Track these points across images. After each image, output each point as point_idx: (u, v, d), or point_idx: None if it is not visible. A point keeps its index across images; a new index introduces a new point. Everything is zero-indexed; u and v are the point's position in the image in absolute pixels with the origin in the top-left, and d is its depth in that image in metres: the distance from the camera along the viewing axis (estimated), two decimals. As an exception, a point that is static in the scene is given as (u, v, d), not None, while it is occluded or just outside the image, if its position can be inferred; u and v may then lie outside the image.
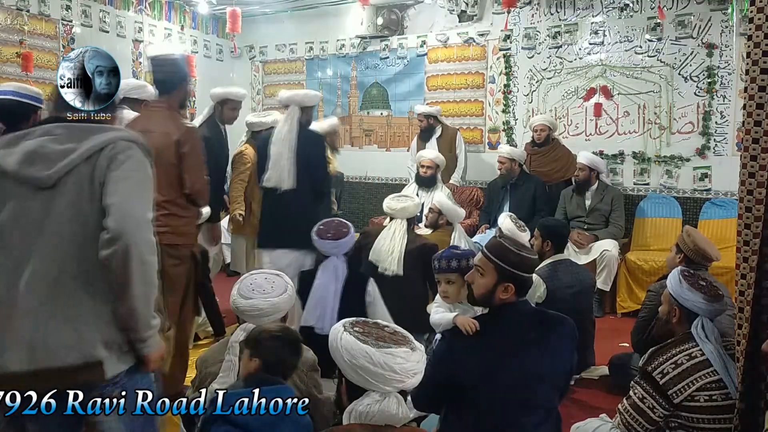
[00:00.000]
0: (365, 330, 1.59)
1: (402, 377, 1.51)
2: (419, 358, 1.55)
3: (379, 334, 1.60)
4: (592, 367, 3.54)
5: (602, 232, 4.95)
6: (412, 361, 1.53)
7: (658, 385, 2.18)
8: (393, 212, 3.68)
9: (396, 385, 1.52)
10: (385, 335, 1.59)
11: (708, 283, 2.43)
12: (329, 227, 3.14)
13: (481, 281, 2.09)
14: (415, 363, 1.54)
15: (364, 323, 1.65)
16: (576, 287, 3.37)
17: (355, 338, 1.55)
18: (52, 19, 5.37)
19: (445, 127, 5.80)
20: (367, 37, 6.68)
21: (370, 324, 1.65)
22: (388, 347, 1.52)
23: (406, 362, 1.52)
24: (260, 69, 7.47)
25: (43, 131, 1.67)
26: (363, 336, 1.56)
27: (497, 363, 2.00)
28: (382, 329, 1.63)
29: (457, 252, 2.68)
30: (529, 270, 2.07)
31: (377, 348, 1.51)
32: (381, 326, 1.65)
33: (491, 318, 2.15)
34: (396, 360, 1.50)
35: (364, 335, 1.57)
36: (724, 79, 5.11)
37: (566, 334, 2.10)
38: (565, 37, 5.73)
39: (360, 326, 1.61)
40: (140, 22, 6.25)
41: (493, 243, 2.11)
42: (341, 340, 1.55)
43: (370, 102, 6.91)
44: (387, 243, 3.57)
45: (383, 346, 1.52)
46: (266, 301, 2.27)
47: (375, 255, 3.55)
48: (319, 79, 7.15)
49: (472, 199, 5.68)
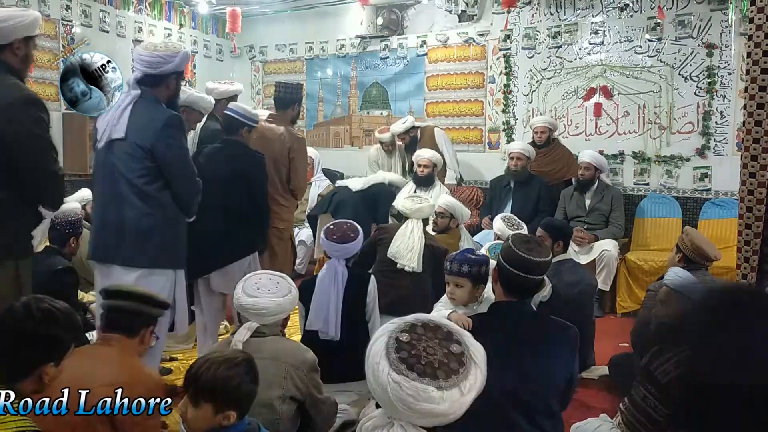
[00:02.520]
0: (412, 352, 1.23)
1: (425, 420, 1.21)
2: (466, 390, 1.23)
3: (428, 354, 1.23)
4: (592, 367, 3.54)
5: (602, 232, 4.95)
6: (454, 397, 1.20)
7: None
8: (409, 212, 3.64)
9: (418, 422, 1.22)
10: (435, 354, 1.24)
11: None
12: (338, 228, 3.07)
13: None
14: (459, 398, 1.21)
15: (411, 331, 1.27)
16: (578, 287, 3.38)
17: (391, 368, 1.20)
18: (52, 19, 5.36)
19: (422, 130, 5.76)
20: (367, 37, 6.68)
21: (418, 330, 1.27)
22: (424, 386, 1.17)
23: (437, 407, 1.18)
24: (260, 69, 7.47)
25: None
26: (402, 362, 1.21)
27: (491, 361, 1.99)
28: (430, 336, 1.27)
29: (471, 257, 2.66)
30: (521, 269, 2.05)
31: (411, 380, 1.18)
32: (429, 326, 1.29)
33: (488, 317, 2.15)
34: (429, 406, 1.18)
35: (406, 360, 1.21)
36: (724, 79, 5.11)
37: (568, 341, 2.10)
38: (565, 37, 5.73)
39: (407, 345, 1.24)
40: (140, 22, 6.25)
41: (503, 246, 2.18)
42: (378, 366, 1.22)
43: (370, 102, 6.91)
44: (406, 240, 3.53)
45: (422, 381, 1.18)
46: (271, 301, 2.26)
47: (394, 251, 3.50)
48: (319, 79, 7.15)
49: (472, 199, 5.67)
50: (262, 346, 2.22)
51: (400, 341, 1.24)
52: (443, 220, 4.04)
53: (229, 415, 1.68)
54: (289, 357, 2.22)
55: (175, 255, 2.76)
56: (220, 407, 1.67)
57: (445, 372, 1.22)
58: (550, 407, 2.06)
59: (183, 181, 2.75)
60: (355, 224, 3.16)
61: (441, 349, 1.26)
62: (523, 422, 1.99)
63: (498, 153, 6.11)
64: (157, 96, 2.75)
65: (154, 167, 2.67)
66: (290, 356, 2.22)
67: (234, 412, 1.68)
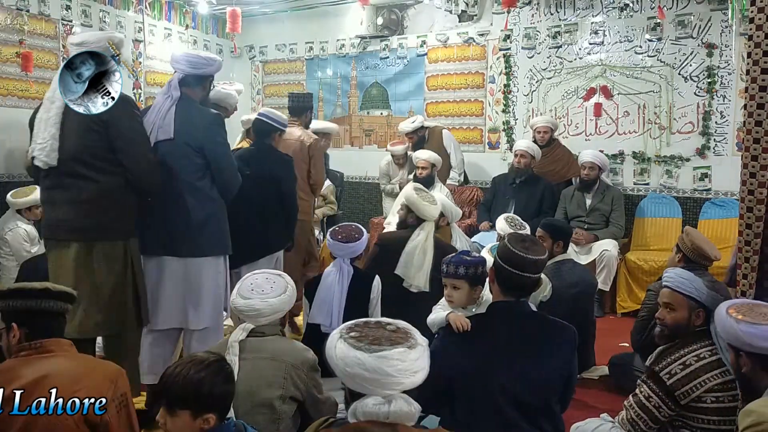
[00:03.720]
0: (362, 333, 1.53)
1: (399, 378, 1.44)
2: (418, 356, 1.47)
3: (376, 335, 1.52)
4: (592, 367, 3.54)
5: (602, 232, 4.95)
6: (409, 360, 1.45)
7: (665, 386, 2.16)
8: (424, 215, 3.46)
9: (395, 388, 1.46)
10: (384, 335, 1.53)
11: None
12: (343, 229, 3.13)
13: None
14: (413, 361, 1.46)
15: (364, 325, 1.58)
16: (578, 287, 3.38)
17: (349, 345, 1.48)
18: (52, 19, 5.36)
19: (430, 130, 5.76)
20: (367, 37, 6.68)
21: (371, 324, 1.58)
22: (382, 350, 1.44)
23: (402, 362, 1.44)
24: (260, 69, 7.47)
25: None
26: (357, 342, 1.49)
27: (490, 361, 2.01)
28: (383, 327, 1.56)
29: (467, 259, 2.62)
30: (517, 267, 2.06)
31: (370, 353, 1.44)
32: (383, 324, 1.58)
33: (486, 317, 2.16)
34: (390, 362, 1.43)
35: (359, 340, 1.49)
36: (724, 79, 5.11)
37: (566, 341, 2.10)
38: (565, 37, 5.73)
39: (358, 330, 1.55)
40: (140, 22, 6.24)
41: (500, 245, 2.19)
42: (336, 349, 1.49)
43: (370, 102, 6.91)
44: (417, 256, 3.33)
45: (376, 350, 1.45)
46: (264, 302, 2.27)
47: (403, 269, 3.35)
48: (319, 79, 7.15)
49: (472, 199, 5.67)
50: (262, 346, 2.22)
51: (354, 337, 1.49)
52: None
53: (209, 418, 1.66)
54: (289, 357, 2.22)
55: (227, 242, 3.04)
56: (198, 412, 1.64)
57: (402, 338, 1.50)
58: (550, 407, 2.06)
59: (229, 174, 2.98)
60: (360, 226, 3.20)
61: (383, 331, 1.53)
62: (522, 422, 1.99)
63: (498, 153, 6.12)
64: (194, 97, 2.96)
65: (203, 164, 2.89)
66: (290, 356, 2.22)
67: (212, 414, 1.66)
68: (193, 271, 2.90)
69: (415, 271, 3.33)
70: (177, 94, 2.88)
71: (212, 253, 2.95)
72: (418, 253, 3.34)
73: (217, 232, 2.98)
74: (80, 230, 2.67)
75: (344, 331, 1.54)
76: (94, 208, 2.66)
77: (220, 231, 3.00)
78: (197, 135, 2.86)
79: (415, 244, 3.37)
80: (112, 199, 2.69)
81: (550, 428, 2.04)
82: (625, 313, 4.78)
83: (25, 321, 1.84)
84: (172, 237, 2.87)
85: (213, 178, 2.94)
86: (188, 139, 2.85)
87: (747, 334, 1.84)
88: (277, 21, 7.15)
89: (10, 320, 1.85)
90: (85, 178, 2.65)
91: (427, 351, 1.52)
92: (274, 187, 3.57)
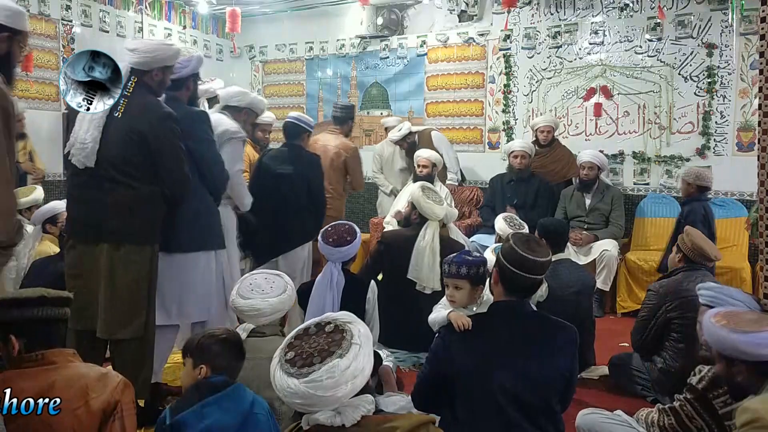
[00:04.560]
0: (299, 350, 1.48)
1: (335, 394, 1.41)
2: (348, 363, 1.42)
3: (311, 348, 1.47)
4: (592, 367, 3.54)
5: (602, 232, 4.95)
6: (338, 372, 1.41)
7: (716, 414, 2.10)
8: (430, 215, 3.43)
9: (331, 405, 1.43)
10: (319, 345, 1.48)
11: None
12: (336, 231, 3.09)
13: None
14: (343, 371, 1.41)
15: (304, 334, 1.53)
16: (576, 287, 3.37)
17: (282, 373, 1.45)
18: (52, 19, 5.36)
19: (420, 134, 5.71)
20: (367, 37, 6.68)
21: (310, 331, 1.53)
22: (311, 372, 1.41)
23: (332, 377, 1.40)
24: (260, 69, 7.47)
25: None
26: (291, 366, 1.45)
27: (490, 361, 2.00)
28: (322, 332, 1.52)
29: (468, 258, 2.63)
30: (522, 268, 2.04)
31: (300, 378, 1.41)
32: (323, 326, 1.54)
33: (486, 317, 2.15)
34: (321, 384, 1.39)
35: (293, 363, 1.45)
36: (724, 79, 5.11)
37: (567, 340, 2.09)
38: (565, 37, 5.73)
39: (297, 344, 1.51)
40: (140, 22, 6.25)
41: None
42: (275, 378, 1.47)
43: (370, 102, 6.91)
44: (426, 257, 3.31)
45: (306, 373, 1.41)
46: (264, 302, 2.27)
47: (415, 272, 3.33)
48: (319, 79, 7.15)
49: (472, 199, 5.66)
50: (262, 346, 2.22)
51: (289, 360, 1.47)
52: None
53: (201, 368, 1.94)
54: (289, 357, 2.21)
55: (216, 238, 3.09)
56: (196, 362, 1.96)
57: (335, 344, 1.47)
58: (550, 407, 2.05)
59: (217, 170, 3.03)
60: (353, 226, 3.15)
61: (320, 338, 1.51)
62: (523, 422, 1.99)
63: (498, 153, 6.11)
64: (180, 97, 3.03)
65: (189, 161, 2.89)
66: (290, 356, 2.22)
67: (205, 366, 1.94)
68: (182, 267, 2.93)
69: (427, 272, 3.32)
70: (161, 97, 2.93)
71: (201, 248, 2.99)
72: (428, 254, 3.33)
73: (206, 227, 3.02)
74: (112, 232, 2.70)
75: (283, 350, 1.51)
76: (128, 213, 2.70)
77: (210, 227, 3.04)
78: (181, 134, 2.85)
79: (424, 245, 3.35)
80: (145, 206, 2.74)
81: (550, 428, 2.04)
82: (625, 313, 4.79)
83: (24, 331, 1.76)
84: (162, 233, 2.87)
85: (201, 175, 2.97)
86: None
87: (744, 344, 1.80)
88: (277, 21, 7.15)
89: (7, 332, 1.76)
90: (122, 183, 2.69)
91: (364, 348, 1.47)
92: (304, 184, 3.89)
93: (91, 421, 1.69)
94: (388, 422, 1.49)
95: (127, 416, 1.77)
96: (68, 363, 1.80)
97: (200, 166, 2.95)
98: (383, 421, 1.50)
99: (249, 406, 1.87)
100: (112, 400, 1.74)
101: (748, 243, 4.88)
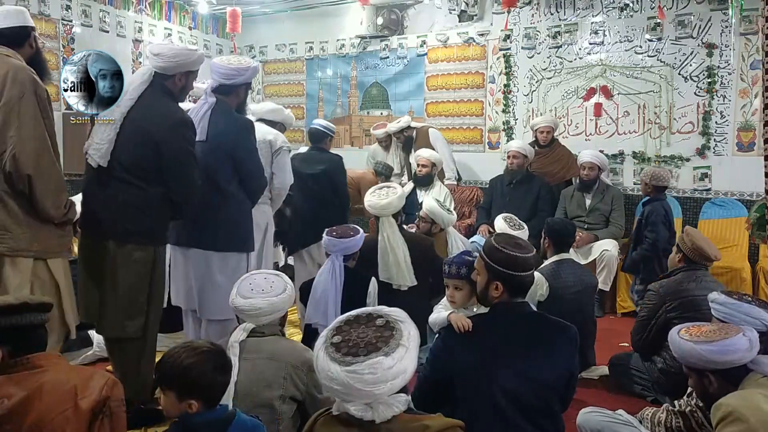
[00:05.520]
0: (346, 336, 1.50)
1: (372, 390, 1.41)
2: (393, 363, 1.42)
3: (359, 338, 1.48)
4: (592, 367, 3.54)
5: (602, 232, 4.94)
6: (381, 370, 1.41)
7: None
8: (377, 211, 3.49)
9: (366, 399, 1.44)
10: (366, 337, 1.48)
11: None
12: (340, 227, 3.18)
13: (477, 279, 2.17)
14: (386, 371, 1.41)
15: (355, 321, 1.55)
16: (578, 287, 3.38)
17: (326, 356, 1.47)
18: (52, 19, 5.37)
19: (417, 130, 5.78)
20: (367, 37, 6.68)
21: (361, 320, 1.55)
22: (355, 362, 1.41)
23: (374, 374, 1.40)
24: (260, 69, 7.47)
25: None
26: (336, 350, 1.47)
27: (490, 362, 2.00)
28: (372, 323, 1.53)
29: (469, 259, 2.64)
30: (518, 268, 2.06)
31: (342, 366, 1.42)
32: (374, 318, 1.55)
33: (487, 317, 2.16)
34: (362, 377, 1.40)
35: (339, 348, 1.47)
36: (724, 79, 5.11)
37: (567, 340, 2.09)
38: (565, 37, 5.73)
39: (345, 329, 1.52)
40: (140, 22, 6.25)
41: (486, 241, 2.17)
42: (318, 359, 1.49)
43: (370, 102, 6.91)
44: (390, 256, 3.37)
45: (350, 362, 1.42)
46: (265, 301, 2.27)
47: (386, 273, 3.37)
48: (319, 79, 7.15)
49: (472, 199, 5.67)
50: (261, 346, 2.22)
51: (335, 344, 1.49)
52: (425, 225, 3.98)
53: (191, 403, 1.69)
54: (289, 357, 2.21)
55: (249, 241, 3.18)
56: (182, 395, 1.70)
57: (384, 340, 1.47)
58: (551, 407, 2.05)
59: (256, 177, 3.16)
60: (357, 227, 3.21)
61: (369, 329, 1.51)
62: (523, 422, 1.99)
63: (498, 153, 6.11)
64: (230, 103, 3.12)
65: (231, 167, 3.04)
66: (290, 356, 2.22)
67: (196, 401, 1.69)
68: (211, 264, 3.06)
69: (395, 270, 3.37)
70: (212, 100, 3.06)
71: (233, 249, 3.11)
72: (389, 252, 3.38)
73: (240, 230, 3.12)
74: (119, 230, 2.74)
75: (331, 332, 1.53)
76: (136, 212, 2.74)
77: (244, 230, 3.14)
78: (228, 140, 3.01)
79: (383, 246, 3.42)
80: (154, 207, 2.78)
81: (551, 428, 2.04)
82: (625, 313, 4.79)
83: (7, 339, 1.74)
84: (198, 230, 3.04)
85: (240, 181, 3.08)
86: (219, 143, 3.00)
87: (709, 352, 1.90)
88: (277, 21, 7.15)
89: None
90: (132, 184, 2.73)
91: (411, 351, 1.48)
92: (329, 181, 4.33)
93: (81, 422, 1.69)
94: (417, 421, 1.50)
95: (115, 412, 1.77)
96: (55, 366, 1.80)
97: (241, 172, 3.06)
98: (412, 420, 1.50)
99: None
100: (101, 398, 1.74)
101: (748, 243, 4.88)
